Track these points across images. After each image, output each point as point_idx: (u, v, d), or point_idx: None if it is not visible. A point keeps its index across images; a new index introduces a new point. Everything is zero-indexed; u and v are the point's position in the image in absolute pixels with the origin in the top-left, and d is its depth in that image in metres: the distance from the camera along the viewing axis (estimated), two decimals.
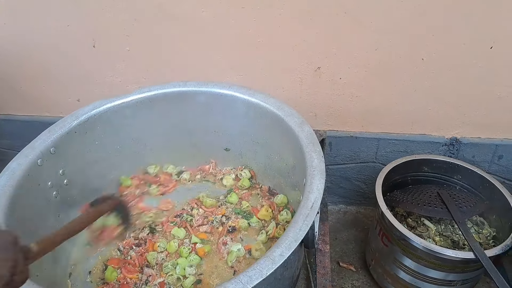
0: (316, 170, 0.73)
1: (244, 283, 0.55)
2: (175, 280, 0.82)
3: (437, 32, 1.03)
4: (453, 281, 1.03)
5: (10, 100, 1.36)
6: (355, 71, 1.14)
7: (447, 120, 1.20)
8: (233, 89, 0.95)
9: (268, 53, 1.13)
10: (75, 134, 0.85)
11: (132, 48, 1.18)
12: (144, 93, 0.94)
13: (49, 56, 1.23)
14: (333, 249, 1.35)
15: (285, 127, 0.86)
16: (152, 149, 1.04)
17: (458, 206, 1.05)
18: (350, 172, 1.38)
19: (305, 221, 0.64)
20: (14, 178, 0.71)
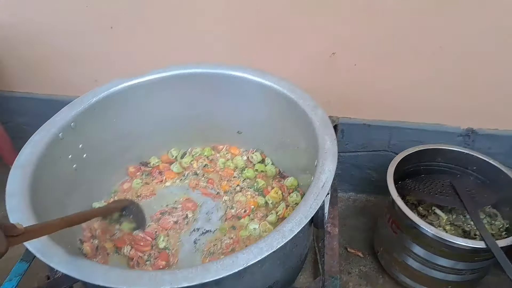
0: (329, 152, 0.74)
1: (255, 254, 0.57)
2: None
3: (457, 19, 1.01)
4: (462, 270, 1.03)
5: (30, 79, 1.41)
6: (370, 58, 1.13)
7: (464, 110, 1.19)
8: (246, 72, 0.95)
9: (282, 37, 1.13)
10: (94, 111, 0.88)
11: (148, 30, 1.20)
12: (159, 73, 0.96)
13: (67, 37, 1.26)
14: (342, 235, 1.36)
15: (298, 110, 0.86)
16: (166, 130, 1.06)
17: (471, 196, 1.04)
18: (361, 160, 1.38)
19: (315, 200, 0.65)
20: (37, 149, 0.74)
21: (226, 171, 1.05)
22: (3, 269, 1.26)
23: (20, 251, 1.30)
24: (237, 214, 0.94)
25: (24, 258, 0.92)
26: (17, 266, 0.90)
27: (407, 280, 1.14)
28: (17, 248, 1.39)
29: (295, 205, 0.94)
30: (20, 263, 0.90)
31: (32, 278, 1.22)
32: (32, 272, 1.22)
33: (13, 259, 1.28)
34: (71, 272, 0.55)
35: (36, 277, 1.21)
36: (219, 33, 1.16)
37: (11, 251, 1.41)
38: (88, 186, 0.90)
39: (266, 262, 0.65)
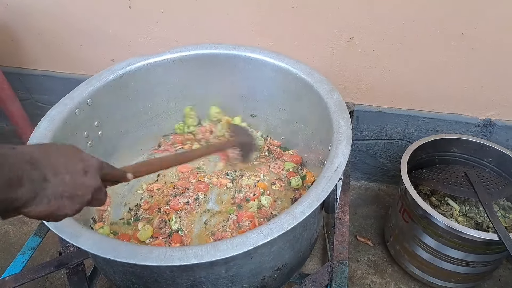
0: (343, 136, 0.73)
1: (265, 235, 0.57)
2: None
3: (480, 5, 0.98)
4: (473, 262, 1.02)
5: (49, 57, 1.42)
6: (389, 44, 1.10)
7: (483, 100, 1.16)
8: (263, 54, 0.94)
9: (300, 20, 1.11)
10: (111, 88, 0.88)
11: (166, 10, 1.19)
12: (176, 53, 0.96)
13: (86, 15, 1.27)
14: (352, 224, 1.36)
15: (314, 94, 0.85)
16: (181, 110, 1.06)
17: (485, 187, 1.02)
18: (375, 148, 1.37)
19: (328, 183, 0.65)
20: (54, 124, 0.76)
21: None
22: (16, 243, 1.31)
23: (33, 227, 1.35)
24: (246, 196, 0.94)
25: (37, 232, 0.94)
26: (31, 240, 0.93)
27: (416, 271, 1.14)
28: (31, 223, 1.44)
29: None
30: (33, 237, 0.93)
31: (44, 253, 1.26)
32: (45, 248, 1.26)
33: (27, 234, 1.33)
34: (81, 244, 0.56)
35: (48, 253, 1.25)
36: (236, 14, 1.15)
37: (25, 227, 1.45)
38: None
39: (275, 244, 0.66)
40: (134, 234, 0.85)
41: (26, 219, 1.39)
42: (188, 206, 0.92)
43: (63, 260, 0.81)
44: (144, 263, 0.54)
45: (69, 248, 0.83)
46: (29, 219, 1.39)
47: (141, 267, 0.61)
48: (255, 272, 0.67)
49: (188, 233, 0.86)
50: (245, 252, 0.56)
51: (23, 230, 1.36)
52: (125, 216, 0.90)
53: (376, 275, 1.21)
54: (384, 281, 1.19)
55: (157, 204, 0.91)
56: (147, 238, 0.84)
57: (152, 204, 0.92)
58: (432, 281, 1.12)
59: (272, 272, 0.71)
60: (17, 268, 0.84)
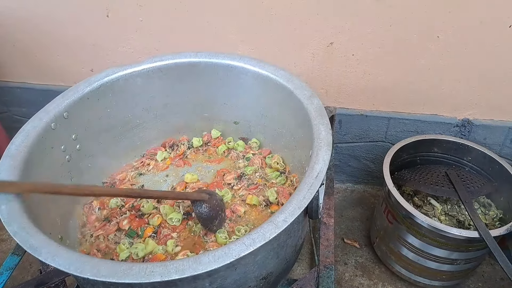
0: (323, 142, 0.73)
1: (247, 245, 0.57)
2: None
3: (454, 9, 1.00)
4: (457, 260, 1.04)
5: (25, 68, 1.39)
6: (368, 48, 1.12)
7: (460, 101, 1.18)
8: (243, 61, 0.94)
9: (280, 26, 1.12)
10: (88, 100, 0.87)
11: (145, 18, 1.18)
12: (155, 62, 0.94)
13: (63, 25, 1.24)
14: (339, 226, 1.36)
15: (294, 100, 0.86)
16: (162, 120, 1.05)
17: (465, 186, 1.05)
18: (358, 151, 1.38)
19: (309, 190, 0.65)
20: (29, 139, 0.73)
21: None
22: None
23: (12, 244, 1.31)
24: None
25: (16, 251, 0.91)
26: (9, 259, 0.89)
27: (403, 271, 1.15)
28: (11, 241, 1.40)
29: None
30: (12, 256, 0.90)
31: (25, 271, 1.22)
32: (25, 266, 1.22)
33: (6, 253, 1.29)
34: (59, 265, 0.54)
35: (29, 271, 1.21)
36: (216, 22, 1.15)
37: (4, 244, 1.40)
38: (81, 177, 0.89)
39: (259, 253, 0.65)
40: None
41: (5, 237, 1.35)
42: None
43: (43, 279, 0.78)
44: (124, 280, 0.52)
45: (49, 266, 0.81)
46: (8, 237, 1.35)
47: (122, 284, 0.60)
48: (240, 282, 0.67)
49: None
50: (228, 264, 0.55)
51: (1, 248, 1.32)
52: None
53: (364, 277, 1.22)
54: (372, 282, 1.20)
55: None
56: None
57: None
58: (419, 280, 1.14)
59: (258, 281, 0.71)
60: None
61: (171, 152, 1.07)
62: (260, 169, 1.02)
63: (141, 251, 0.80)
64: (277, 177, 0.99)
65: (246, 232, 0.85)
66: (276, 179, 0.99)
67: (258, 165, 1.02)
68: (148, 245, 0.81)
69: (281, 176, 0.99)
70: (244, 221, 0.89)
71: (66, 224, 0.83)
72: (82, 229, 0.88)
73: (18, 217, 0.60)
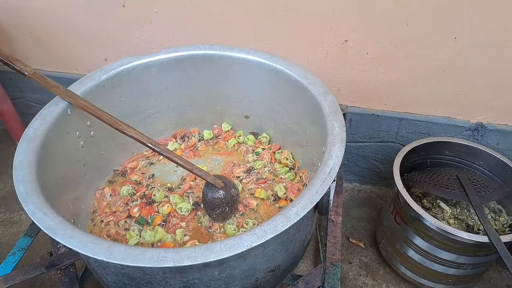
0: (337, 138, 0.73)
1: (259, 236, 0.57)
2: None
3: (474, 10, 0.99)
4: (464, 264, 1.03)
5: (40, 55, 1.40)
6: (383, 47, 1.11)
7: (475, 104, 1.17)
8: (257, 55, 0.94)
9: (295, 22, 1.12)
10: (104, 88, 0.87)
11: (160, 10, 1.19)
12: (171, 53, 0.95)
13: (79, 14, 1.25)
14: (344, 225, 1.36)
15: (308, 96, 0.86)
16: (174, 111, 1.05)
17: (476, 190, 1.04)
18: (368, 151, 1.38)
19: (321, 185, 0.65)
20: (46, 123, 0.75)
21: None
22: (5, 243, 1.29)
23: (23, 227, 1.33)
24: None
25: (28, 233, 0.93)
26: (21, 240, 0.91)
27: (408, 272, 1.15)
28: (21, 223, 1.42)
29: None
30: (24, 237, 0.92)
31: (34, 255, 1.24)
32: (35, 248, 1.24)
33: (17, 235, 1.31)
34: (74, 246, 0.55)
35: (38, 254, 1.23)
36: (231, 16, 1.15)
37: (15, 227, 1.43)
38: (94, 164, 0.90)
39: (269, 246, 0.66)
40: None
41: (16, 219, 1.37)
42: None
43: (54, 261, 0.79)
44: (137, 264, 0.53)
45: (60, 249, 0.82)
46: (18, 219, 1.37)
47: (134, 268, 0.61)
48: (248, 273, 0.67)
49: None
50: (238, 254, 0.56)
51: (12, 231, 1.34)
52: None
53: (368, 277, 1.21)
54: (375, 282, 1.20)
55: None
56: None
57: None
58: (423, 282, 1.13)
59: (265, 273, 0.71)
60: (7, 269, 0.83)
61: (182, 143, 1.08)
62: (269, 164, 1.02)
63: (150, 238, 0.81)
64: (286, 172, 0.99)
65: (254, 225, 0.86)
66: (285, 174, 0.99)
67: (267, 160, 1.03)
68: (158, 233, 0.82)
69: (290, 172, 1.00)
70: (252, 215, 0.90)
71: (78, 209, 0.84)
72: (93, 215, 0.89)
73: (35, 198, 0.61)
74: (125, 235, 0.84)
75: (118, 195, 0.92)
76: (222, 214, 0.84)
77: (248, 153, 1.05)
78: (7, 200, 1.42)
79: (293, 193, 0.92)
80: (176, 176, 0.99)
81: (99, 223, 0.87)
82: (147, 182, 0.96)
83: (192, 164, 0.80)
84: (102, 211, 0.89)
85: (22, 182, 0.63)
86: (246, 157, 1.04)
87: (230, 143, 1.07)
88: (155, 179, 0.98)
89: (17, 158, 0.68)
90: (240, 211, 0.89)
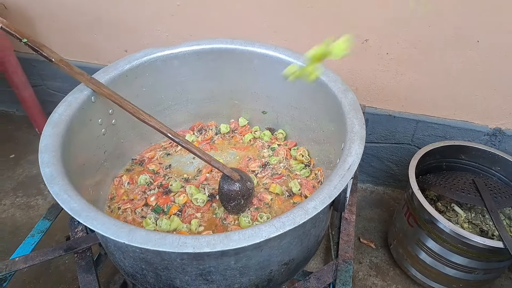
0: (357, 135, 0.73)
1: (277, 227, 0.58)
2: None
3: (497, 14, 0.98)
4: (476, 269, 1.02)
5: (62, 44, 1.43)
6: (404, 47, 1.11)
7: (494, 109, 1.16)
8: (278, 51, 0.95)
9: (315, 19, 1.12)
10: (126, 77, 0.89)
11: (182, 3, 1.20)
12: (192, 46, 0.96)
13: (102, 5, 1.28)
14: (356, 225, 1.35)
15: (328, 93, 0.86)
16: (193, 103, 1.07)
17: (492, 195, 1.03)
18: (383, 152, 1.37)
19: (340, 181, 0.65)
20: (71, 109, 0.76)
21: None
22: (23, 226, 1.32)
23: (40, 211, 1.36)
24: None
25: (47, 216, 0.95)
26: (40, 223, 0.93)
27: (418, 275, 1.14)
28: (38, 207, 1.45)
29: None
30: (43, 220, 0.94)
31: (50, 238, 1.27)
32: (51, 233, 1.27)
33: (34, 219, 1.34)
34: (97, 228, 0.57)
35: (54, 238, 1.26)
36: (252, 11, 1.16)
37: (32, 211, 1.46)
38: (114, 152, 0.92)
39: (285, 238, 0.66)
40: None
41: (33, 203, 1.40)
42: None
43: (72, 244, 0.81)
44: (158, 248, 0.54)
45: (78, 233, 0.84)
46: (35, 203, 1.40)
47: (153, 253, 0.62)
48: (263, 265, 0.68)
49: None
50: (256, 244, 0.57)
51: (29, 214, 1.37)
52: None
53: (378, 277, 1.21)
54: (385, 283, 1.20)
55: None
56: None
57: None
58: (433, 285, 1.13)
59: (280, 266, 0.72)
60: (27, 250, 0.85)
61: (199, 136, 1.09)
62: (284, 160, 1.03)
63: (166, 226, 0.83)
64: (302, 169, 1.00)
65: (268, 219, 0.86)
66: (300, 171, 0.99)
67: (282, 156, 1.03)
68: (173, 222, 0.84)
69: (306, 168, 1.00)
70: (266, 209, 0.90)
71: (97, 195, 0.86)
72: (110, 201, 0.91)
73: (60, 180, 0.63)
74: (141, 223, 0.85)
75: (135, 184, 0.94)
76: (237, 206, 0.85)
77: (264, 148, 1.06)
78: (25, 184, 1.46)
79: (307, 190, 0.93)
80: (193, 167, 1.00)
81: (117, 210, 0.89)
82: (164, 172, 0.98)
83: (210, 156, 0.81)
84: (119, 198, 0.91)
85: (48, 164, 0.65)
86: (261, 152, 1.05)
87: (246, 138, 1.08)
88: (172, 169, 0.99)
89: (43, 142, 0.70)
90: (254, 204, 0.90)
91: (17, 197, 1.42)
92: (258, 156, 1.04)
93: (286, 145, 1.07)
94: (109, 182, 0.93)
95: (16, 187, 1.45)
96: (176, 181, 0.93)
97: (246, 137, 1.08)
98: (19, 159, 1.54)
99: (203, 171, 0.98)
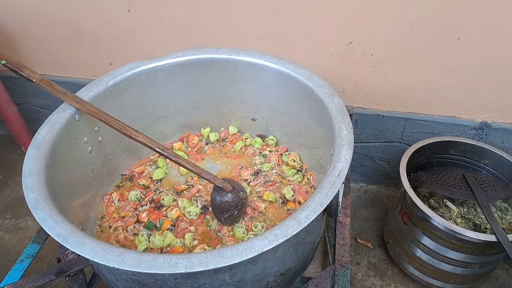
0: (345, 140, 0.73)
1: (270, 241, 0.57)
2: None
3: (476, 11, 0.99)
4: (471, 263, 1.03)
5: (46, 60, 1.41)
6: (388, 48, 1.11)
7: (479, 103, 1.17)
8: (264, 58, 0.95)
9: (299, 24, 1.12)
10: (111, 93, 0.88)
11: (165, 14, 1.19)
12: (177, 57, 0.95)
13: (84, 19, 1.26)
14: (352, 226, 1.36)
15: (315, 98, 0.86)
16: (181, 114, 1.06)
17: (483, 189, 1.04)
18: (374, 151, 1.38)
19: (331, 188, 0.65)
20: (54, 129, 0.75)
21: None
22: (11, 249, 1.29)
23: (29, 233, 1.33)
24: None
25: (36, 240, 0.93)
26: (29, 247, 0.90)
27: (416, 272, 1.15)
28: (27, 229, 1.42)
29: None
30: (32, 244, 0.91)
31: (41, 261, 1.24)
32: (41, 255, 1.24)
33: (23, 241, 1.31)
34: (85, 253, 0.56)
35: (44, 260, 1.24)
36: (237, 18, 1.15)
37: (21, 233, 1.43)
38: (102, 169, 0.91)
39: (279, 249, 0.66)
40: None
41: (22, 225, 1.37)
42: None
43: (63, 267, 0.80)
44: (149, 271, 0.53)
45: (68, 255, 0.83)
46: (25, 225, 1.37)
47: (145, 274, 0.61)
48: (259, 277, 0.67)
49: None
50: (249, 259, 0.56)
51: (19, 237, 1.34)
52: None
53: (377, 277, 1.21)
54: (384, 283, 1.20)
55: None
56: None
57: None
58: (432, 282, 1.13)
59: (276, 277, 0.71)
60: (16, 277, 0.83)
61: (188, 146, 1.08)
62: (276, 166, 1.02)
63: (159, 242, 0.81)
64: (294, 174, 1.00)
65: (263, 228, 0.86)
66: (293, 176, 0.99)
67: (274, 162, 1.03)
68: (167, 237, 0.83)
69: (298, 174, 1.00)
70: (261, 218, 0.90)
71: (86, 215, 0.85)
72: (101, 220, 0.90)
73: (45, 205, 0.61)
74: (134, 240, 0.84)
75: (126, 200, 0.93)
76: (231, 217, 0.84)
77: (256, 155, 1.05)
78: (13, 206, 1.43)
79: (301, 195, 0.93)
80: (183, 178, 0.99)
81: (107, 228, 0.87)
82: (155, 186, 0.96)
83: (200, 167, 0.80)
84: (110, 217, 0.89)
85: (32, 189, 0.64)
86: (253, 159, 1.04)
87: (237, 146, 1.07)
88: (163, 182, 0.98)
89: (26, 165, 0.68)
90: (248, 214, 0.89)
91: (5, 219, 1.39)
92: (250, 164, 1.03)
93: (278, 151, 1.06)
94: (99, 201, 0.92)
95: (4, 209, 1.42)
96: (167, 195, 0.92)
97: (237, 145, 1.08)
98: (6, 180, 1.51)
99: (194, 179, 0.97)
